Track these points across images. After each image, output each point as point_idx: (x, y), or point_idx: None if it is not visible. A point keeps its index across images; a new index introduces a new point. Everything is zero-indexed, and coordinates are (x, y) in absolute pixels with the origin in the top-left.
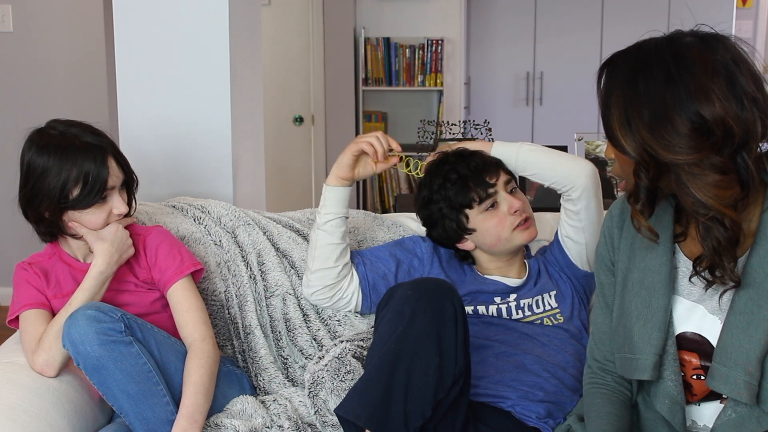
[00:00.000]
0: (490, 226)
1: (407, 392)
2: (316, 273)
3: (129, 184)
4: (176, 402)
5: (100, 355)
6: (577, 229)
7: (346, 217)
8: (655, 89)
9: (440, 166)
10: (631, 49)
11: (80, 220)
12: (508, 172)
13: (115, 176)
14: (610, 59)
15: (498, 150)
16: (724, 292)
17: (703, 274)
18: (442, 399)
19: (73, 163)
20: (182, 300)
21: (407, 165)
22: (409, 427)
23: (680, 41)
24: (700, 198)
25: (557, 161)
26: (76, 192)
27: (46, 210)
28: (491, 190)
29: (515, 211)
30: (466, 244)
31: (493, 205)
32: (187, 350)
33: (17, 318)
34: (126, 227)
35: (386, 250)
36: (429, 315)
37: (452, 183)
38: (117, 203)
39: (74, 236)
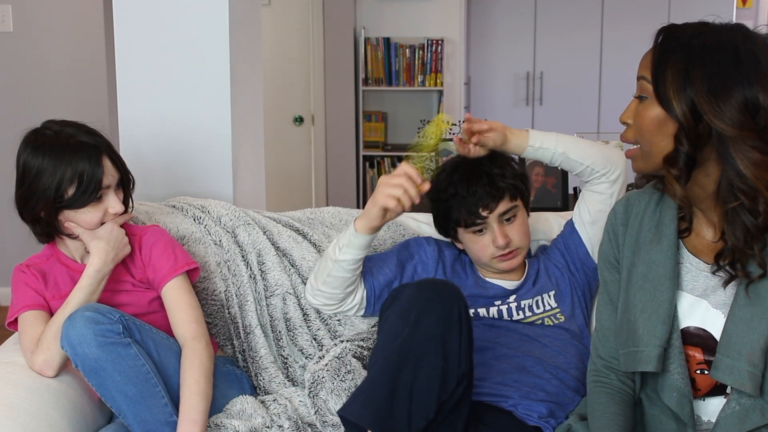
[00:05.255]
0: (473, 248)
1: (412, 394)
2: (324, 292)
3: (125, 184)
4: (175, 403)
5: (98, 356)
6: (605, 214)
7: (365, 255)
8: (722, 59)
9: (450, 174)
10: (697, 23)
11: (76, 219)
12: (513, 198)
13: (110, 175)
14: (673, 25)
15: (537, 137)
16: (750, 284)
17: (726, 268)
18: (445, 401)
19: (68, 163)
20: (175, 299)
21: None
22: (412, 428)
23: (749, 29)
24: (742, 170)
25: (594, 146)
26: (71, 191)
27: (41, 210)
28: (479, 221)
29: (498, 246)
30: (459, 245)
31: (482, 230)
32: (181, 350)
33: (16, 320)
34: (122, 226)
35: (392, 256)
36: (434, 318)
37: (448, 197)
38: (113, 202)
39: (70, 236)
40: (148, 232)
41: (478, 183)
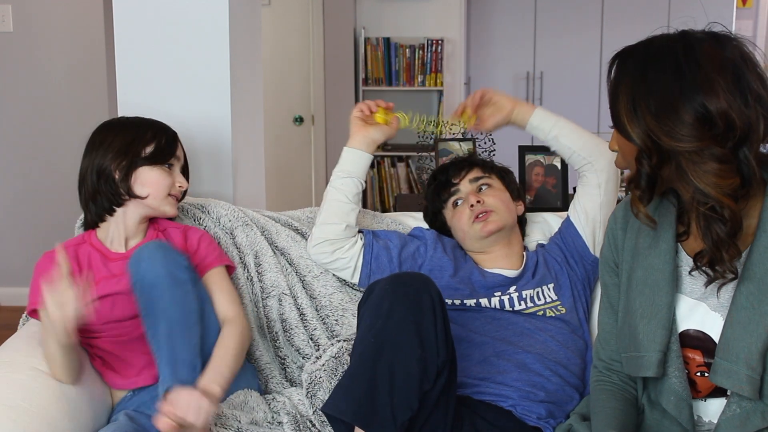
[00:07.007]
0: (454, 222)
1: (392, 385)
2: (320, 226)
3: (186, 174)
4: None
5: (159, 273)
6: (595, 205)
7: (360, 182)
8: (664, 79)
9: (437, 169)
10: (643, 43)
11: (148, 178)
12: (485, 170)
13: (180, 154)
14: (621, 51)
15: (539, 115)
16: (722, 286)
17: (704, 268)
18: (428, 391)
19: (149, 127)
20: (219, 282)
21: (410, 121)
22: (397, 420)
23: (692, 36)
24: (699, 186)
25: (586, 135)
26: (149, 150)
27: (116, 169)
28: (453, 189)
29: (471, 205)
30: (455, 241)
31: (459, 201)
32: (221, 327)
33: (36, 310)
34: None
35: (396, 233)
36: (406, 307)
37: (430, 182)
38: (180, 178)
39: (138, 197)
40: (192, 228)
41: (453, 161)
